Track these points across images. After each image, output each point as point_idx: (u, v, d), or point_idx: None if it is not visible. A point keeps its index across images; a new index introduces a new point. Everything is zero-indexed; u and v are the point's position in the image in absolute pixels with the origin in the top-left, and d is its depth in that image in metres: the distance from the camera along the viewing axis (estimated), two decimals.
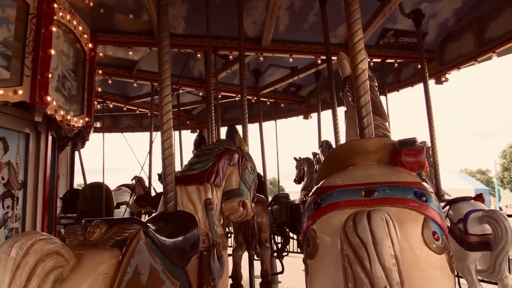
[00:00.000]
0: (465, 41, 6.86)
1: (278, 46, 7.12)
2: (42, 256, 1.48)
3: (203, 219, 2.67)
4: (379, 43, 7.36)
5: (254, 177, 3.25)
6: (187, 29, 6.75)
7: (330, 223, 1.59)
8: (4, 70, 4.12)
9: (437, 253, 1.48)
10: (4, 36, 4.15)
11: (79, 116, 5.78)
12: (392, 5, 5.94)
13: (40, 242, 1.50)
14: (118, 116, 12.02)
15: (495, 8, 6.15)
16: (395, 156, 1.77)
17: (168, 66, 2.93)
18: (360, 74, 2.08)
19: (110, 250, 1.77)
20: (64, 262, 1.60)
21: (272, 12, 5.98)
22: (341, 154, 1.96)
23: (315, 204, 1.70)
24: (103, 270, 1.67)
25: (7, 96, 4.09)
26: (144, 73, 8.67)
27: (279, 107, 10.93)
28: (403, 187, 1.60)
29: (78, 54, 5.88)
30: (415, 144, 1.78)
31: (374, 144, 1.87)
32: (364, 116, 2.05)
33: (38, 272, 1.46)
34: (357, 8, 2.17)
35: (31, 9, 4.44)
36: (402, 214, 1.48)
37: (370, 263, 1.25)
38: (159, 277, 2.01)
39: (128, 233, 1.85)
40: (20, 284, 1.40)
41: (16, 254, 1.42)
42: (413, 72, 8.18)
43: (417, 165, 1.75)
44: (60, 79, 5.24)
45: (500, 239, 3.83)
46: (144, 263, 1.89)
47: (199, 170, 2.79)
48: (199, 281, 2.45)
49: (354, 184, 1.66)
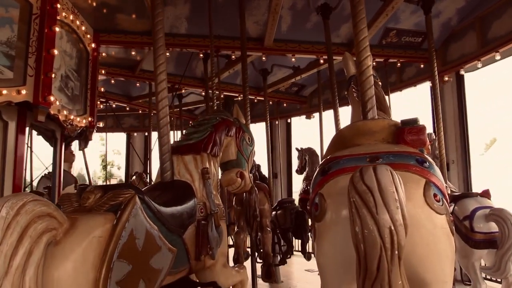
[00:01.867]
0: (468, 41, 6.83)
1: (281, 46, 7.11)
2: (34, 217, 1.44)
3: (200, 188, 2.64)
4: (381, 42, 7.35)
5: (252, 148, 3.22)
6: (189, 29, 6.76)
7: (337, 186, 1.66)
8: (7, 70, 4.14)
9: (438, 213, 1.55)
10: (7, 36, 4.17)
11: (82, 116, 5.80)
12: (395, 5, 5.92)
13: (32, 203, 1.46)
14: (121, 116, 12.05)
15: (498, 7, 6.13)
16: (398, 135, 1.85)
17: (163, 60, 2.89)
18: (365, 69, 2.19)
19: (105, 214, 1.74)
20: (57, 225, 1.56)
21: (275, 11, 5.98)
22: (347, 134, 2.03)
23: (322, 171, 1.77)
24: (98, 234, 1.64)
25: (10, 96, 4.12)
26: (146, 73, 8.69)
27: (281, 107, 10.93)
28: (406, 155, 1.69)
29: (81, 54, 5.90)
30: (417, 123, 1.86)
31: (378, 125, 1.95)
32: (368, 109, 2.17)
33: (30, 233, 1.42)
34: (363, 8, 2.26)
35: (34, 9, 4.46)
36: (405, 177, 1.52)
37: (376, 207, 1.32)
38: (155, 243, 1.97)
39: (123, 198, 1.81)
40: (11, 244, 1.36)
41: (7, 213, 1.38)
42: (416, 72, 8.16)
43: (419, 142, 1.83)
44: (63, 79, 5.26)
45: (507, 238, 3.78)
46: (139, 228, 1.85)
47: (195, 140, 2.76)
48: (197, 250, 2.44)
49: (359, 154, 1.75)
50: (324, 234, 1.68)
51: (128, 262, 1.73)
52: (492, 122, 38.37)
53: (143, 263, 1.85)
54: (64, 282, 1.52)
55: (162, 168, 2.69)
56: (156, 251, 1.96)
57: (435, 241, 1.53)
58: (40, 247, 1.46)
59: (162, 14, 2.90)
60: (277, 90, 9.93)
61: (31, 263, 1.41)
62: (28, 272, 1.40)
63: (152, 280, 1.92)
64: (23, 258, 1.38)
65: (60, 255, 1.54)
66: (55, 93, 4.81)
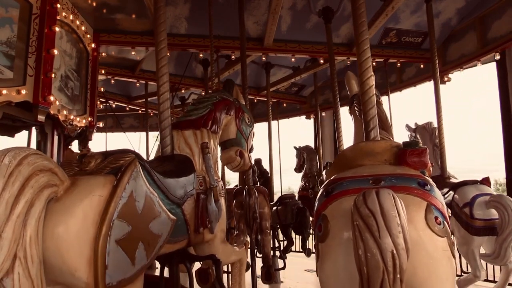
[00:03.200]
0: (468, 41, 6.83)
1: (281, 46, 7.11)
2: (36, 170, 1.45)
3: (199, 162, 2.66)
4: (381, 42, 7.35)
5: (251, 129, 3.24)
6: (189, 29, 6.76)
7: (340, 208, 1.69)
8: (7, 70, 4.14)
9: (439, 236, 1.58)
10: (7, 36, 4.17)
11: (82, 116, 5.80)
12: (395, 5, 5.92)
13: (34, 156, 1.47)
14: (121, 116, 12.05)
15: (499, 7, 6.12)
16: (400, 156, 1.89)
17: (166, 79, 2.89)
18: (368, 89, 2.24)
19: (106, 176, 1.75)
20: (58, 181, 1.57)
21: (274, 12, 5.98)
22: (350, 155, 2.07)
23: (326, 192, 1.81)
24: (98, 193, 1.66)
25: (10, 96, 4.12)
26: (146, 73, 8.69)
27: (281, 107, 10.93)
28: (408, 177, 1.73)
29: (81, 54, 5.90)
30: (418, 145, 1.90)
31: (380, 146, 1.99)
32: (371, 129, 2.22)
33: (32, 184, 1.43)
34: (366, 37, 2.29)
35: (34, 9, 4.47)
36: (406, 200, 1.56)
37: (379, 231, 1.36)
38: (154, 208, 1.97)
39: (124, 161, 1.83)
40: (12, 193, 1.36)
41: (9, 162, 1.38)
42: (416, 72, 8.16)
43: (421, 164, 1.87)
44: (63, 79, 5.26)
45: (507, 224, 3.78)
46: (139, 191, 1.86)
47: (195, 116, 2.79)
48: (196, 222, 2.45)
49: (363, 176, 1.79)
50: (327, 255, 1.71)
51: (127, 223, 1.74)
52: None
53: (142, 226, 1.86)
54: (64, 237, 1.54)
55: (162, 142, 2.70)
56: (155, 216, 1.97)
57: (436, 264, 1.55)
58: (42, 199, 1.46)
59: (164, 16, 2.90)
60: (277, 90, 9.94)
61: (32, 214, 1.42)
62: (30, 222, 1.40)
63: (151, 245, 1.92)
64: (24, 207, 1.39)
65: (60, 211, 1.55)
66: (55, 93, 4.81)
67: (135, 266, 1.78)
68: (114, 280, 1.66)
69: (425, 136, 5.28)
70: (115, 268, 1.65)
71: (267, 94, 7.99)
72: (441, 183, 4.73)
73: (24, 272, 1.37)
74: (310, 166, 7.79)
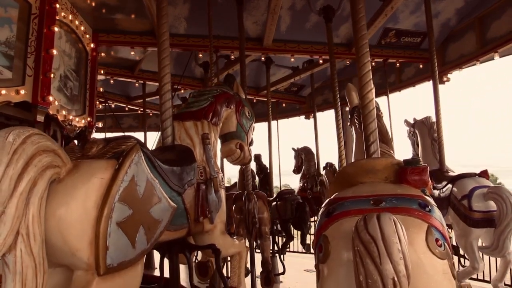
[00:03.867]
0: (467, 41, 6.84)
1: (280, 46, 7.11)
2: (39, 149, 1.46)
3: (200, 153, 2.69)
4: (381, 43, 7.35)
5: (251, 123, 3.27)
6: (188, 29, 6.75)
7: (341, 229, 1.69)
8: (6, 70, 4.13)
9: (440, 258, 1.58)
10: (6, 36, 4.17)
11: (81, 116, 5.80)
12: (394, 5, 5.92)
13: (38, 135, 1.48)
14: (120, 116, 12.04)
15: (498, 7, 6.13)
16: (401, 174, 1.90)
17: (168, 71, 2.93)
18: (368, 103, 2.25)
19: (108, 160, 1.77)
20: (61, 163, 1.59)
21: (274, 12, 5.97)
22: (351, 172, 2.07)
23: (327, 213, 1.81)
24: (100, 175, 1.68)
25: (9, 96, 4.11)
26: (146, 73, 8.68)
27: (281, 107, 10.93)
28: (409, 198, 1.73)
29: (80, 54, 5.89)
30: (419, 163, 1.91)
31: (381, 163, 2.00)
32: (371, 143, 2.23)
33: (35, 163, 1.44)
34: (363, 15, 2.27)
35: (33, 9, 4.46)
36: (407, 221, 1.56)
37: (380, 257, 1.36)
38: (155, 194, 2.00)
39: (125, 146, 1.86)
40: (16, 170, 1.37)
41: (14, 139, 1.39)
42: (415, 72, 8.17)
43: (421, 182, 1.87)
44: (62, 79, 5.25)
45: (505, 216, 3.80)
46: (141, 176, 1.88)
47: (196, 108, 2.83)
48: (196, 211, 2.48)
49: (363, 196, 1.79)
50: (328, 276, 1.72)
51: (128, 206, 1.76)
52: None
53: (143, 210, 1.88)
54: (66, 218, 1.56)
55: (163, 133, 2.73)
56: (156, 202, 1.99)
57: (437, 287, 1.57)
58: (44, 179, 1.48)
59: (166, 17, 2.93)
60: (276, 90, 9.94)
61: (35, 193, 1.43)
62: (33, 201, 1.42)
63: (152, 230, 1.94)
64: (27, 185, 1.40)
65: (63, 192, 1.57)
66: (54, 93, 4.81)
67: (135, 250, 1.80)
68: (115, 262, 1.68)
69: (424, 130, 5.28)
70: (116, 249, 1.68)
71: (267, 89, 7.95)
72: (440, 176, 4.76)
73: (26, 249, 1.38)
74: (308, 167, 7.87)
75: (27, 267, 1.37)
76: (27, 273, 1.37)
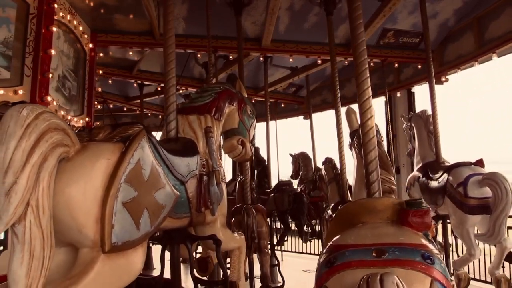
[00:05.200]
0: (465, 41, 6.86)
1: (278, 46, 7.12)
2: (50, 127, 1.51)
3: (203, 146, 2.75)
4: (379, 43, 7.37)
5: (253, 121, 3.33)
6: (187, 29, 6.75)
7: (342, 282, 1.69)
8: (4, 70, 4.13)
9: None
10: (4, 36, 4.16)
11: (79, 116, 5.78)
12: (392, 6, 5.93)
13: (49, 113, 1.53)
14: (119, 116, 12.03)
15: (496, 8, 6.15)
16: (403, 217, 1.88)
17: (173, 66, 3.02)
18: (368, 131, 2.24)
19: (115, 143, 1.83)
20: (70, 142, 1.64)
21: (272, 12, 5.97)
22: (351, 212, 2.08)
23: (328, 262, 1.81)
24: (108, 156, 1.74)
25: (7, 96, 4.10)
26: (144, 73, 8.68)
27: (279, 107, 10.94)
28: (411, 249, 1.73)
29: (79, 54, 5.88)
30: (421, 205, 1.89)
31: (383, 204, 1.99)
32: (371, 171, 2.22)
33: (47, 139, 1.48)
34: (366, 68, 2.28)
35: (31, 9, 4.45)
36: (410, 276, 1.58)
37: None
38: (160, 179, 2.05)
39: (132, 131, 1.91)
40: (29, 143, 1.41)
41: (27, 114, 1.43)
42: (413, 72, 8.18)
43: (424, 225, 1.86)
44: (60, 79, 5.24)
45: (500, 200, 3.81)
46: (146, 160, 1.94)
47: (200, 103, 2.89)
48: (198, 201, 2.53)
49: (365, 244, 1.79)
50: None
51: (134, 188, 1.81)
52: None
53: (148, 193, 1.93)
54: (74, 195, 1.61)
55: (167, 126, 2.79)
56: (160, 187, 2.04)
57: None
58: (54, 156, 1.52)
59: (172, 14, 3.00)
60: (275, 90, 9.95)
61: (45, 167, 1.47)
62: (43, 175, 1.46)
63: (155, 214, 1.99)
64: (39, 159, 1.44)
65: (71, 170, 1.63)
66: (52, 93, 4.80)
67: (139, 231, 1.85)
68: (119, 241, 1.73)
69: (420, 123, 5.31)
70: (121, 228, 1.73)
71: (265, 89, 7.96)
72: (436, 167, 4.80)
73: (35, 221, 1.42)
74: (305, 172, 7.93)
75: (35, 238, 1.41)
76: (35, 245, 1.41)
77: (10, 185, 1.36)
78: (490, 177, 3.95)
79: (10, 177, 1.36)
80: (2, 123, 1.41)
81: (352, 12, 2.33)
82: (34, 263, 1.40)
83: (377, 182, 2.23)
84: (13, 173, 1.36)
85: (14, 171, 1.37)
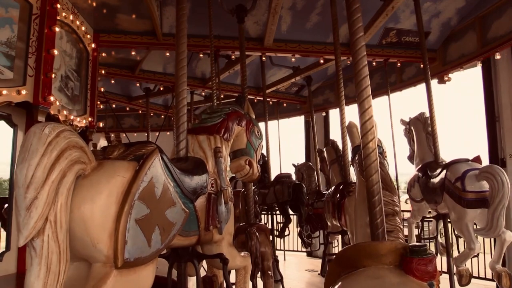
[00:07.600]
0: (468, 41, 6.82)
1: (281, 46, 7.11)
2: (70, 144, 1.58)
3: (212, 165, 2.81)
4: (381, 42, 7.35)
5: (260, 142, 3.39)
6: (189, 29, 6.72)
7: None
8: (7, 70, 4.14)
9: None
10: (7, 37, 4.17)
11: (82, 116, 5.80)
12: (395, 5, 5.91)
13: (69, 132, 1.60)
14: (121, 116, 12.05)
15: (498, 7, 6.12)
16: (407, 265, 1.80)
17: (184, 86, 3.07)
18: (371, 153, 2.17)
19: (129, 161, 1.90)
20: (87, 160, 1.70)
21: (275, 12, 5.97)
22: (353, 255, 2.01)
23: None
24: (122, 174, 1.80)
25: (10, 96, 4.12)
26: (146, 73, 8.69)
27: (281, 106, 10.94)
28: None
29: (81, 54, 5.90)
30: (426, 253, 1.80)
31: (385, 247, 1.91)
32: (374, 195, 2.15)
33: (66, 156, 1.55)
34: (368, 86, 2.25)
35: (34, 10, 4.46)
36: None
37: None
38: (171, 197, 2.11)
39: (146, 150, 1.98)
40: (50, 160, 1.48)
41: (49, 132, 1.50)
42: (416, 72, 8.15)
43: (428, 275, 1.77)
44: (63, 79, 5.26)
45: (497, 192, 3.85)
46: (159, 178, 2.00)
47: (210, 124, 2.97)
48: (206, 219, 2.58)
49: None
50: None
51: (147, 206, 1.86)
52: None
53: (159, 211, 1.99)
54: (90, 211, 1.66)
55: (178, 145, 2.85)
56: (171, 205, 2.10)
57: None
58: (73, 172, 1.59)
59: (185, 15, 3.01)
60: (277, 90, 9.94)
61: (64, 184, 1.53)
62: (61, 191, 1.52)
63: (166, 231, 2.04)
64: (58, 175, 1.51)
65: (88, 187, 1.69)
66: (55, 93, 4.81)
67: (151, 248, 1.90)
68: (132, 257, 1.77)
69: (419, 126, 5.43)
70: (133, 245, 1.78)
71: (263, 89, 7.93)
72: (434, 166, 4.88)
73: (53, 236, 1.48)
74: (309, 183, 7.88)
75: (52, 252, 1.46)
76: (52, 258, 1.46)
77: (31, 200, 1.41)
78: (487, 170, 4.01)
79: (31, 193, 1.41)
80: (25, 140, 1.48)
81: (350, 6, 2.30)
82: (51, 277, 1.45)
83: (380, 207, 2.15)
84: (34, 189, 1.42)
85: (36, 187, 1.42)
